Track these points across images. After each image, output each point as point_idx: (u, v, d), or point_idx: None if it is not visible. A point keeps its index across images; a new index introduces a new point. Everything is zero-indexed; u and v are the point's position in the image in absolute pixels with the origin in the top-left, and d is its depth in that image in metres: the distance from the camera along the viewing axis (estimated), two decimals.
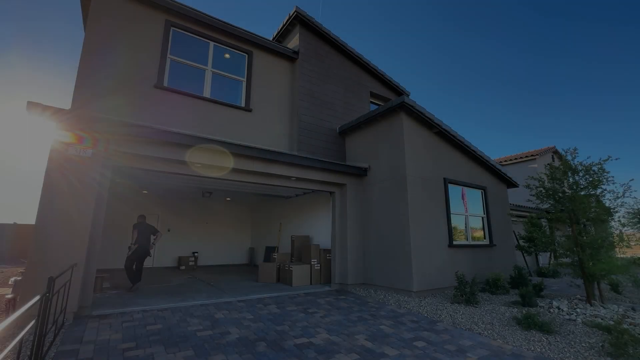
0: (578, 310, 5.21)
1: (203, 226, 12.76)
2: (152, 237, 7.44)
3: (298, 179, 6.90)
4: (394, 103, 6.84)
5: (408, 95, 10.43)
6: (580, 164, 6.22)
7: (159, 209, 11.87)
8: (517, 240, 10.64)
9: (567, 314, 5.09)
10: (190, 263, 11.28)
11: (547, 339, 4.03)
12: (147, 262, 11.26)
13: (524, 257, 11.15)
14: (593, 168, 6.07)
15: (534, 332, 4.25)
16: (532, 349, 3.73)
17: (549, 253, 11.73)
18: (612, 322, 4.42)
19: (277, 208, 11.73)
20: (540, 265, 12.67)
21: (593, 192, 6.29)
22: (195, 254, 11.79)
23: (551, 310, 5.33)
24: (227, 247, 13.17)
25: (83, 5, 6.24)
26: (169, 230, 11.97)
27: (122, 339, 3.68)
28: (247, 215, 14.07)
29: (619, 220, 6.32)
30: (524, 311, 5.10)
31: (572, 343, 3.92)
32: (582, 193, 6.18)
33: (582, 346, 3.82)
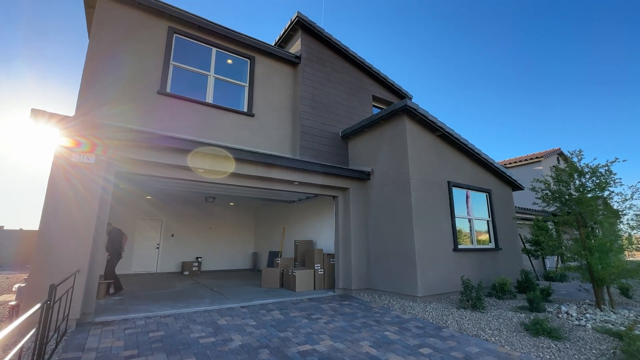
0: (587, 315, 5.09)
1: (206, 231, 12.77)
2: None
3: (300, 184, 6.87)
4: (396, 106, 6.82)
5: (410, 99, 10.41)
6: (587, 165, 6.12)
7: (162, 215, 11.91)
8: (524, 244, 10.50)
9: (577, 319, 4.98)
10: (194, 268, 11.27)
11: (556, 345, 3.94)
12: (151, 268, 11.32)
13: (530, 260, 11.00)
14: (600, 170, 5.98)
15: (543, 339, 4.15)
16: (541, 356, 3.64)
17: (556, 256, 11.58)
18: (623, 328, 4.31)
19: (281, 212, 11.70)
20: (548, 268, 12.49)
21: (600, 194, 6.19)
22: (199, 259, 11.78)
23: (560, 315, 5.22)
24: (231, 252, 13.15)
25: (87, 14, 6.33)
26: (172, 236, 11.99)
27: (124, 347, 3.66)
28: (251, 219, 14.07)
29: (628, 223, 6.20)
30: (531, 317, 5.00)
31: (582, 350, 3.82)
32: (589, 195, 6.08)
33: (593, 353, 3.73)
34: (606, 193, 6.15)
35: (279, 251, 10.95)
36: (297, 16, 8.17)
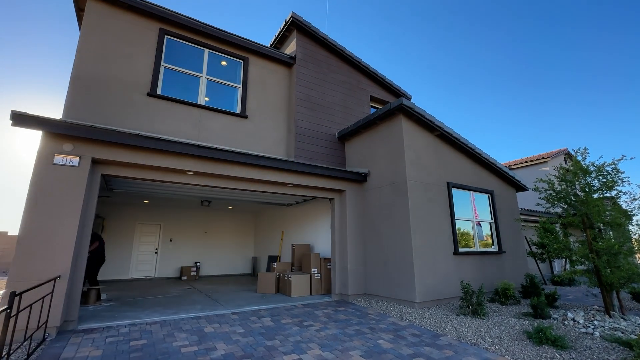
0: (595, 322, 4.79)
1: (206, 236, 12.64)
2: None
3: (295, 186, 6.70)
4: (392, 105, 6.63)
5: (410, 99, 10.21)
6: (592, 164, 5.85)
7: (160, 219, 11.82)
8: (529, 247, 10.17)
9: (584, 326, 4.69)
10: (192, 273, 11.13)
11: (560, 355, 3.67)
12: (149, 273, 11.21)
13: (537, 264, 10.64)
14: (606, 168, 5.70)
15: (547, 348, 3.89)
16: None
17: (563, 260, 11.19)
18: (634, 337, 4.03)
19: (279, 216, 11.54)
20: (555, 272, 12.08)
21: (608, 194, 5.90)
22: (198, 264, 11.65)
23: (566, 322, 4.93)
24: (230, 256, 12.99)
25: (78, 16, 6.29)
26: (171, 240, 11.88)
27: (101, 356, 3.49)
28: (250, 224, 13.91)
29: (638, 224, 5.89)
30: (535, 324, 4.72)
31: None
32: (596, 195, 5.79)
33: None
34: (613, 192, 5.86)
35: (277, 255, 10.77)
36: (291, 16, 8.06)
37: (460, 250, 6.75)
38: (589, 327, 4.63)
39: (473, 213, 7.55)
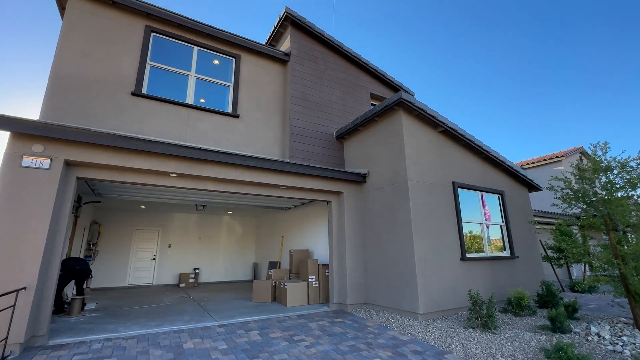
0: (624, 338, 4.21)
1: (205, 241, 12.31)
2: None
3: (288, 188, 6.30)
4: (390, 100, 6.19)
5: (413, 95, 9.72)
6: (614, 159, 5.28)
7: (159, 225, 11.56)
8: (545, 251, 9.50)
9: (610, 343, 4.12)
10: (191, 280, 10.79)
11: None
12: (147, 280, 10.92)
13: (553, 269, 9.94)
14: (631, 164, 5.12)
15: None
16: None
17: (582, 264, 10.45)
18: None
19: (280, 220, 11.14)
20: (574, 278, 11.32)
21: (632, 193, 5.32)
22: (196, 271, 11.31)
23: (589, 337, 4.36)
24: (230, 262, 12.61)
25: (61, 15, 6.08)
26: (169, 247, 11.59)
27: None
28: (251, 228, 13.55)
29: None
30: (554, 339, 4.18)
31: None
32: (619, 194, 5.22)
33: None
34: (639, 191, 5.28)
35: (277, 261, 10.36)
36: (285, 12, 7.72)
37: (468, 255, 6.22)
38: (617, 343, 4.06)
39: (482, 215, 7.01)
